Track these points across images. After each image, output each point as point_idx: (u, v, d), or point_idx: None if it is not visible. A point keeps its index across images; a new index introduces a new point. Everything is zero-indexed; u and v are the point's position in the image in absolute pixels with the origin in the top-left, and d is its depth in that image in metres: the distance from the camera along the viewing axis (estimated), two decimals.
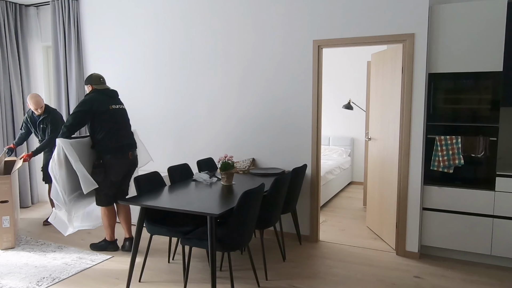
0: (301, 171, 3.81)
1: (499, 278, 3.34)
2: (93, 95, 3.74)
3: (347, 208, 5.48)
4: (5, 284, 3.24)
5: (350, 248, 4.00)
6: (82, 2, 5.20)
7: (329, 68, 7.22)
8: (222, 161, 3.47)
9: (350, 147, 7.12)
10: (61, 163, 3.53)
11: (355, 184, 7.13)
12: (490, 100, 3.43)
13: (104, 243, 3.96)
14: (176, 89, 4.71)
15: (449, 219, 3.63)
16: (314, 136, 4.04)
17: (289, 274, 3.43)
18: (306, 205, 4.18)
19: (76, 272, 3.46)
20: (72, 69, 5.23)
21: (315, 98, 4.01)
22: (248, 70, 4.29)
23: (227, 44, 4.36)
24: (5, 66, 5.30)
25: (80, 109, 3.63)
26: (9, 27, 5.30)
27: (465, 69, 3.48)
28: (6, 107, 5.32)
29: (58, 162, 3.52)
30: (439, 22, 3.53)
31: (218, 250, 2.85)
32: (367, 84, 5.31)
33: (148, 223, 3.26)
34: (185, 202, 2.94)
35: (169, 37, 4.69)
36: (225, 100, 4.45)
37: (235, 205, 2.76)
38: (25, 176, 5.50)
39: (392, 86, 3.91)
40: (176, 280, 3.32)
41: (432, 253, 3.82)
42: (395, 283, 3.25)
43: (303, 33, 3.99)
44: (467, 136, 3.52)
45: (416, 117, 3.63)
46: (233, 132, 4.45)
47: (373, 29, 3.70)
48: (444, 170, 3.60)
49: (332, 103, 7.25)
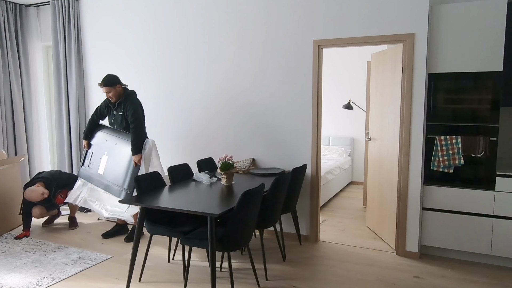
0: (301, 171, 3.81)
1: (499, 278, 3.34)
2: (135, 95, 4.18)
3: (347, 208, 5.48)
4: (5, 284, 3.24)
5: (350, 248, 4.00)
6: (82, 2, 5.20)
7: (329, 68, 7.22)
8: (222, 161, 3.47)
9: (350, 147, 7.12)
10: (148, 159, 4.05)
11: (355, 184, 7.13)
12: (490, 100, 3.43)
13: (117, 227, 4.34)
14: (176, 88, 4.71)
15: (449, 219, 3.63)
16: (314, 136, 4.04)
17: (289, 274, 3.43)
18: (306, 205, 4.18)
19: (76, 272, 3.46)
20: (72, 69, 5.23)
21: (315, 98, 4.01)
22: (248, 70, 4.29)
23: (227, 44, 4.36)
24: (5, 66, 5.30)
25: (140, 110, 4.12)
26: (9, 27, 5.30)
27: (465, 69, 3.48)
28: (6, 107, 5.32)
29: (147, 158, 4.04)
30: (439, 22, 3.53)
31: (218, 250, 2.85)
32: (367, 84, 5.31)
33: (148, 223, 3.26)
34: (185, 202, 2.94)
35: (168, 37, 4.68)
36: (225, 100, 4.45)
37: (235, 205, 2.76)
38: (25, 176, 5.50)
39: (392, 86, 3.91)
40: (176, 280, 3.32)
41: (432, 253, 3.83)
42: (395, 283, 3.25)
43: (303, 33, 3.99)
44: (467, 136, 3.52)
45: (416, 117, 3.63)
46: (233, 132, 4.45)
47: (373, 29, 3.70)
48: (444, 170, 3.60)
49: (332, 103, 7.25)
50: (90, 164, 4.37)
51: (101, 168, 4.22)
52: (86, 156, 4.46)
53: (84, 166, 4.43)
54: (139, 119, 4.06)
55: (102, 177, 4.21)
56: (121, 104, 4.15)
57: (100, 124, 4.47)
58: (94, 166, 4.31)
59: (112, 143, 4.26)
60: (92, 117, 4.43)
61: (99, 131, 4.43)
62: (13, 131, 5.43)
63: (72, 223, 4.65)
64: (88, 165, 4.38)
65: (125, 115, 4.13)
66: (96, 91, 5.26)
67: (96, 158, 4.33)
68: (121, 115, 4.17)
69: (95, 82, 5.26)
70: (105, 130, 4.40)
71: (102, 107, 4.36)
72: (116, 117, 4.22)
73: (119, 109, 4.17)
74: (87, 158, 4.43)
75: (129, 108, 4.07)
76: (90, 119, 4.45)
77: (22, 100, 5.49)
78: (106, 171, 4.20)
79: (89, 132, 4.44)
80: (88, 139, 4.46)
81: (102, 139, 4.36)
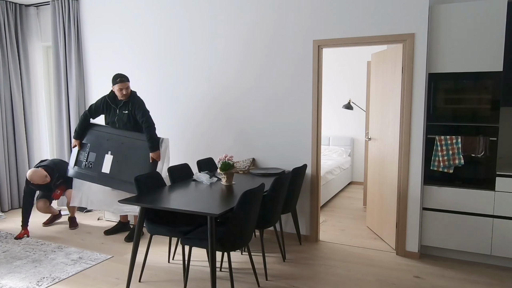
0: (301, 171, 3.81)
1: (499, 278, 3.34)
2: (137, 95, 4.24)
3: (347, 208, 5.48)
4: (5, 284, 3.23)
5: (350, 248, 4.00)
6: (82, 2, 5.20)
7: (329, 68, 7.22)
8: (222, 161, 3.47)
9: (350, 147, 7.12)
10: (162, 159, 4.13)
11: (355, 184, 7.13)
12: (490, 100, 3.43)
13: (119, 225, 4.43)
14: (176, 88, 4.71)
15: (449, 219, 3.63)
16: (314, 136, 4.04)
17: (289, 274, 3.43)
18: (306, 205, 4.18)
19: (76, 272, 3.46)
20: (72, 69, 5.23)
21: (315, 98, 4.01)
22: (248, 70, 4.29)
23: (227, 45, 4.36)
24: (5, 66, 5.29)
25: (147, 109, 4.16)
26: (9, 27, 5.30)
27: (465, 69, 3.48)
28: (6, 107, 5.32)
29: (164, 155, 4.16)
30: (439, 22, 3.53)
31: (218, 250, 2.85)
32: (367, 84, 5.31)
33: (148, 223, 3.26)
34: (185, 202, 2.94)
35: (169, 37, 4.68)
36: (225, 100, 4.45)
37: (235, 205, 2.76)
38: (25, 176, 5.49)
39: (392, 86, 3.91)
40: (176, 280, 3.32)
41: (432, 253, 3.82)
42: (395, 283, 3.25)
43: (303, 33, 3.99)
44: (467, 136, 3.52)
45: (416, 117, 3.63)
46: (233, 132, 4.45)
47: (373, 29, 3.70)
48: (444, 170, 3.60)
49: (332, 103, 7.25)
50: (87, 164, 4.28)
51: (106, 167, 4.19)
52: (79, 156, 4.33)
53: (79, 166, 4.33)
54: (150, 118, 4.09)
55: (110, 176, 4.15)
56: (127, 103, 4.14)
57: (92, 123, 4.37)
58: (94, 166, 4.26)
59: (116, 142, 4.19)
60: (85, 116, 4.30)
61: (92, 130, 4.33)
62: (13, 131, 5.43)
63: (72, 223, 4.65)
64: (84, 165, 4.29)
65: (132, 114, 4.12)
66: (96, 91, 5.26)
67: (96, 158, 4.27)
68: (127, 113, 4.14)
69: (95, 82, 5.26)
70: (102, 129, 4.31)
71: (99, 105, 4.25)
72: (121, 116, 4.17)
73: (124, 108, 4.15)
74: (81, 158, 4.32)
75: (138, 108, 4.08)
76: (82, 118, 4.30)
77: (22, 100, 5.49)
78: (113, 170, 4.15)
79: (82, 131, 4.32)
80: (80, 138, 4.33)
81: (100, 138, 4.29)
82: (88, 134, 4.33)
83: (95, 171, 4.25)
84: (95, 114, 4.30)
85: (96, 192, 4.34)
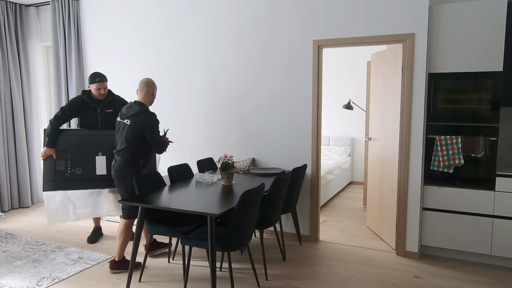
0: (301, 171, 3.81)
1: (499, 278, 3.34)
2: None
3: (347, 208, 5.48)
4: (5, 284, 3.24)
5: (350, 248, 4.00)
6: (82, 2, 5.20)
7: (329, 68, 7.23)
8: (222, 161, 3.47)
9: (350, 147, 7.12)
10: None
11: (355, 184, 7.13)
12: (490, 100, 3.43)
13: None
14: (176, 88, 4.72)
15: (449, 219, 3.63)
16: (314, 136, 4.04)
17: (289, 274, 3.43)
18: (306, 205, 4.18)
19: (76, 272, 3.46)
20: (72, 69, 5.23)
21: (315, 98, 4.01)
22: (248, 70, 4.29)
23: (227, 45, 4.36)
24: (5, 66, 5.29)
25: None
26: (9, 27, 5.30)
27: (465, 69, 3.48)
28: (6, 107, 5.32)
29: None
30: (439, 22, 3.53)
31: (218, 250, 2.85)
32: (367, 84, 5.31)
33: (148, 223, 3.26)
34: (185, 202, 2.94)
35: (169, 37, 4.69)
36: (225, 100, 4.45)
37: (235, 205, 2.76)
38: (25, 176, 5.50)
39: (392, 86, 3.91)
40: (176, 280, 3.32)
41: (432, 253, 3.82)
42: (395, 283, 3.25)
43: (303, 33, 3.99)
44: (467, 136, 3.52)
45: (416, 117, 3.63)
46: (233, 132, 4.45)
47: (373, 29, 3.70)
48: (444, 170, 3.60)
49: (332, 103, 7.25)
50: (74, 171, 3.86)
51: (101, 169, 3.98)
52: (57, 166, 3.82)
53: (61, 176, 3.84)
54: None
55: (108, 177, 3.89)
56: (112, 102, 3.92)
57: (63, 129, 3.91)
58: (84, 171, 3.87)
59: (105, 142, 3.91)
60: (58, 119, 3.80)
61: (66, 136, 3.86)
62: (13, 131, 5.43)
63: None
64: (70, 173, 3.85)
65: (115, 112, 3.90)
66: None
67: (83, 163, 3.88)
68: (111, 112, 3.91)
69: None
70: (80, 132, 3.91)
71: (75, 106, 3.84)
72: (105, 116, 3.89)
73: (107, 107, 3.90)
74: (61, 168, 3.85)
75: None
76: (55, 123, 3.78)
77: (22, 100, 5.49)
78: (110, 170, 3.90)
79: (56, 138, 3.79)
80: (55, 146, 3.78)
81: (81, 142, 3.88)
82: (60, 141, 3.83)
83: (88, 176, 3.90)
84: (69, 116, 3.87)
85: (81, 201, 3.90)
